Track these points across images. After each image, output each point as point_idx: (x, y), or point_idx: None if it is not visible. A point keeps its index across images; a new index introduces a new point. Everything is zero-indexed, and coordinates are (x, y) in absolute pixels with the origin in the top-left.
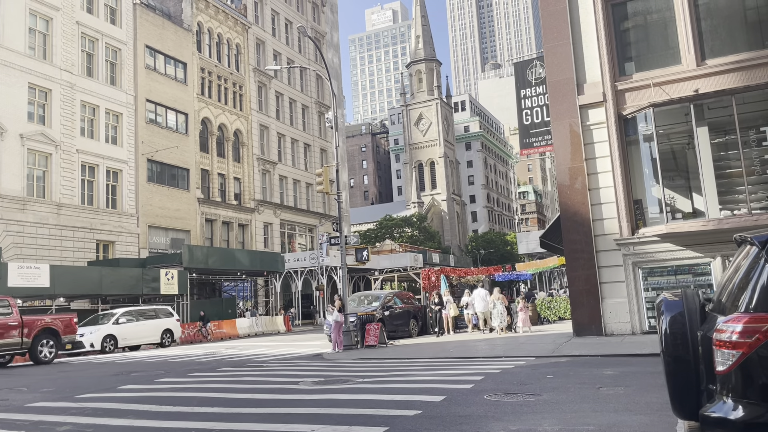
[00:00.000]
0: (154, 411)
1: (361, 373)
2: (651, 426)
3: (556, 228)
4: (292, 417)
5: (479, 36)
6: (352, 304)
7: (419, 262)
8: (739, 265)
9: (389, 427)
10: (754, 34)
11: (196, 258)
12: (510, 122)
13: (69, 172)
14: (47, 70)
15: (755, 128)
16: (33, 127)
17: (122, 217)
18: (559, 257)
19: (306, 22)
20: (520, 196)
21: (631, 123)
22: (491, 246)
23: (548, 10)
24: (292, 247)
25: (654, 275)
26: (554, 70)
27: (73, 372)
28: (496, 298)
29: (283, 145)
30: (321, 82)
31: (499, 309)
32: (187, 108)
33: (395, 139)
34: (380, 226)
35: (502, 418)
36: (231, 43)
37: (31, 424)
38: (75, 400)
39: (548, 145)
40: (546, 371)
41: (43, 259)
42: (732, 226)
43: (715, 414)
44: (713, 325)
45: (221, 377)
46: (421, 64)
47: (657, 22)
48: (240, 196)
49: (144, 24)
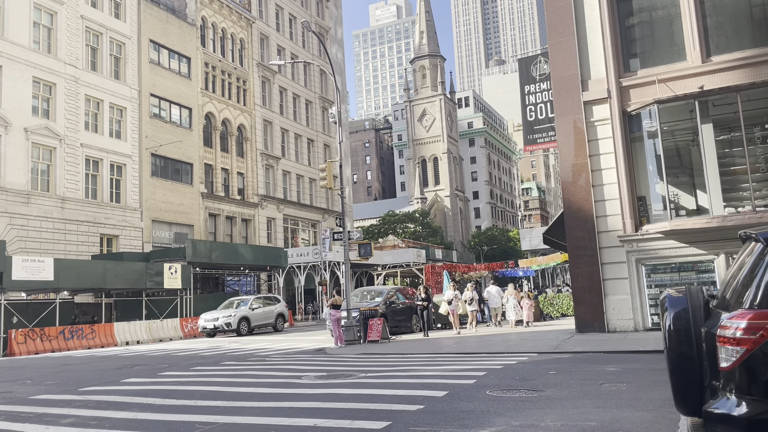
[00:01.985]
0: (158, 404)
1: (363, 367)
2: (654, 422)
3: (559, 224)
4: (294, 411)
5: (483, 32)
6: (355, 300)
7: (422, 258)
8: (744, 261)
9: (392, 422)
10: (759, 31)
11: (199, 252)
12: (514, 118)
13: (73, 166)
14: (51, 64)
15: (760, 125)
16: (37, 120)
17: (126, 211)
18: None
19: (310, 17)
20: (523, 193)
21: (636, 119)
22: (494, 242)
23: (553, 5)
24: (295, 242)
25: (657, 272)
26: (558, 66)
27: (76, 365)
28: (510, 293)
29: (286, 140)
30: (325, 78)
31: (512, 303)
32: (191, 102)
33: (399, 135)
34: (383, 221)
35: (504, 414)
36: (235, 37)
37: (35, 416)
38: (79, 392)
39: (552, 141)
40: (548, 367)
41: (47, 252)
42: (736, 224)
43: (718, 410)
44: (717, 321)
45: (224, 371)
46: (424, 59)
47: (662, 18)
48: (243, 191)
49: (148, 18)
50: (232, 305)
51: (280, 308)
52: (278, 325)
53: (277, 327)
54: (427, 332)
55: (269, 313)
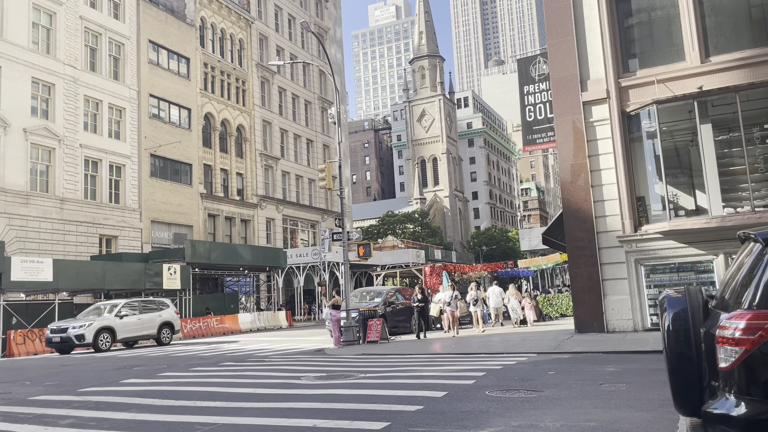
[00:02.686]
0: (157, 405)
1: (362, 368)
2: (653, 423)
3: (558, 225)
4: (294, 412)
5: (482, 32)
6: (354, 300)
7: (421, 258)
8: (743, 262)
9: (391, 422)
10: (758, 31)
11: (198, 253)
12: (513, 119)
13: (72, 167)
14: (50, 64)
15: (759, 125)
16: (36, 121)
17: (125, 212)
18: (562, 254)
19: (309, 17)
20: (522, 193)
21: (635, 120)
22: (493, 242)
23: (552, 6)
24: (294, 243)
25: (656, 272)
26: (558, 66)
27: (75, 366)
28: (512, 294)
29: (285, 140)
30: (324, 78)
31: (513, 304)
32: (190, 103)
33: (398, 135)
34: (382, 222)
35: (503, 414)
36: (234, 38)
37: (34, 417)
38: (78, 393)
39: (551, 141)
40: (548, 368)
41: (46, 253)
42: (735, 224)
43: (717, 411)
44: (716, 321)
45: (223, 372)
46: (424, 60)
47: (661, 18)
48: (243, 192)
49: (147, 19)
50: (99, 311)
51: (167, 315)
52: (163, 338)
53: (161, 340)
54: (424, 334)
55: (148, 323)
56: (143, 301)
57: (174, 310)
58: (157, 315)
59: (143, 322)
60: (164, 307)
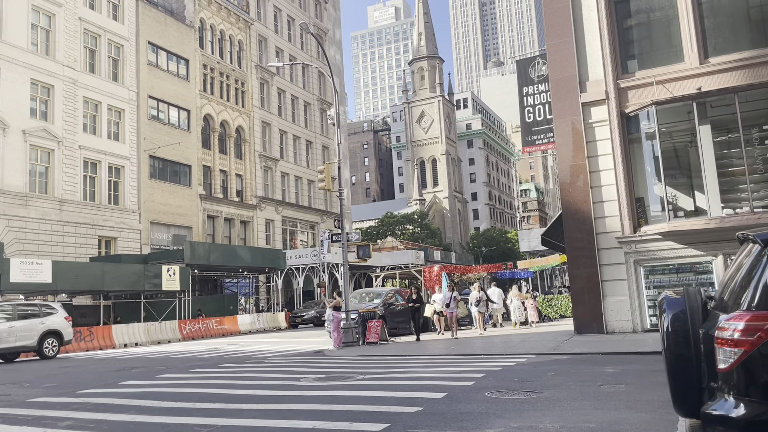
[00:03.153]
0: (156, 407)
1: (362, 369)
2: (652, 424)
3: (557, 226)
4: (293, 413)
5: (482, 33)
6: (353, 301)
7: (420, 259)
8: (742, 263)
9: (390, 424)
10: (757, 32)
11: (197, 254)
12: (512, 120)
13: (71, 168)
14: (49, 66)
15: (758, 126)
16: (35, 123)
17: (124, 214)
18: (561, 255)
19: (308, 18)
20: (521, 194)
21: (634, 121)
22: (493, 243)
23: (551, 7)
24: (293, 244)
25: (655, 273)
26: (557, 67)
27: (74, 367)
28: (514, 295)
29: (285, 141)
30: (323, 79)
31: (516, 305)
32: (190, 104)
33: (397, 137)
34: (382, 223)
35: (503, 415)
36: (233, 39)
37: (33, 419)
38: (77, 395)
39: (550, 142)
40: (547, 369)
41: (45, 254)
42: (734, 225)
43: (716, 412)
44: (715, 322)
45: (223, 373)
46: (423, 61)
47: (660, 19)
48: (242, 193)
49: (146, 20)
50: None
51: (53, 323)
52: (46, 350)
53: (43, 352)
54: (417, 335)
55: (24, 331)
56: (21, 304)
57: (64, 315)
58: (38, 322)
59: (17, 330)
60: (51, 312)
